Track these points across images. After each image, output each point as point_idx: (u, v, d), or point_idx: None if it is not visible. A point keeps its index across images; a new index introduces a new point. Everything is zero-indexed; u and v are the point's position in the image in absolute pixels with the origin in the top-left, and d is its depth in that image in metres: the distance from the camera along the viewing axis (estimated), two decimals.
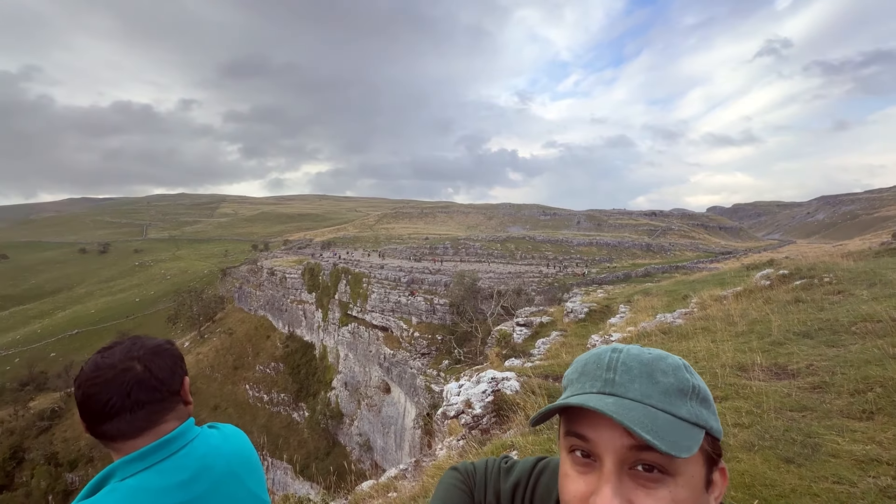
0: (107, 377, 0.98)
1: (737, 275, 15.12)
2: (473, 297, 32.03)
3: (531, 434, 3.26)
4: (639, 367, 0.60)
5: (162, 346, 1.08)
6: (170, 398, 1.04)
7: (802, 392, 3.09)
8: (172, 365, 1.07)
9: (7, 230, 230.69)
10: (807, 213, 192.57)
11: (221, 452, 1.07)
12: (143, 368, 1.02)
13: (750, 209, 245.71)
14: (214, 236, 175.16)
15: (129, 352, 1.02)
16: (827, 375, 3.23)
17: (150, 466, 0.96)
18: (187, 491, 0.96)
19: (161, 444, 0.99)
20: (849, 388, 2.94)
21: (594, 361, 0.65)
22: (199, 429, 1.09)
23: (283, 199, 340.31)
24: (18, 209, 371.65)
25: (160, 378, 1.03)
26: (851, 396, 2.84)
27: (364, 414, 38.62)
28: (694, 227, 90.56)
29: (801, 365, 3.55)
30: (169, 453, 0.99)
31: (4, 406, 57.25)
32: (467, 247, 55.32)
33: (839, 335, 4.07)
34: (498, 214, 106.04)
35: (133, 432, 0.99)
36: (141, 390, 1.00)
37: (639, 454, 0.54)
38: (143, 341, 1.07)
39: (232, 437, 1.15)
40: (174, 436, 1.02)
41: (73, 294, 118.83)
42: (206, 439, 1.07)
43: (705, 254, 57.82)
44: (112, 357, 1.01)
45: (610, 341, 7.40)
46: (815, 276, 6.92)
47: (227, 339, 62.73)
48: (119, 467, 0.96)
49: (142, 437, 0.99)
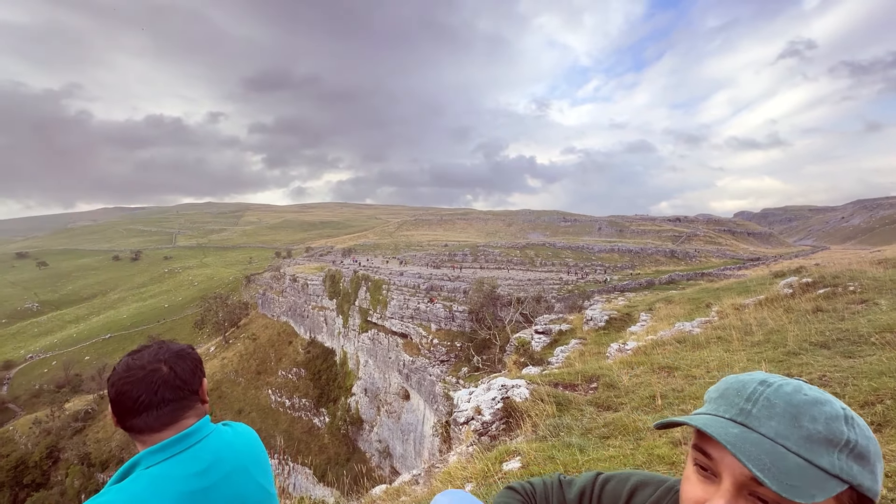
0: (137, 377, 1.13)
1: (762, 282, 14.70)
2: (492, 305, 31.94)
3: (536, 441, 3.31)
4: (784, 406, 0.58)
5: (184, 350, 1.26)
6: (190, 397, 1.21)
7: None
8: (193, 367, 1.24)
9: (47, 238, 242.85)
10: (841, 217, 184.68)
11: (233, 447, 1.23)
12: (169, 370, 1.17)
13: (780, 214, 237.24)
14: (239, 244, 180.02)
15: (157, 354, 1.20)
16: (839, 387, 3.18)
17: (170, 457, 1.09)
18: (202, 479, 1.10)
19: (181, 437, 1.13)
20: (859, 400, 2.89)
21: (736, 388, 0.65)
22: (213, 425, 1.26)
23: (305, 207, 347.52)
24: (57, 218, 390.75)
25: (183, 379, 1.19)
26: (861, 408, 2.80)
27: (384, 420, 38.81)
28: (720, 232, 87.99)
29: (814, 376, 3.49)
30: (187, 446, 1.13)
31: (42, 407, 59.99)
32: (486, 254, 55.24)
33: (857, 346, 3.97)
34: (517, 221, 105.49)
35: (158, 426, 1.13)
36: (166, 389, 1.15)
37: (756, 487, 0.55)
38: (168, 346, 1.25)
39: (242, 435, 1.31)
40: (192, 430, 1.16)
41: (107, 300, 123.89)
42: (219, 435, 1.23)
43: (732, 260, 56.12)
44: (141, 359, 1.18)
45: (624, 349, 7.35)
46: (838, 285, 6.72)
47: (250, 344, 64.18)
48: (144, 457, 1.09)
49: (165, 430, 1.14)
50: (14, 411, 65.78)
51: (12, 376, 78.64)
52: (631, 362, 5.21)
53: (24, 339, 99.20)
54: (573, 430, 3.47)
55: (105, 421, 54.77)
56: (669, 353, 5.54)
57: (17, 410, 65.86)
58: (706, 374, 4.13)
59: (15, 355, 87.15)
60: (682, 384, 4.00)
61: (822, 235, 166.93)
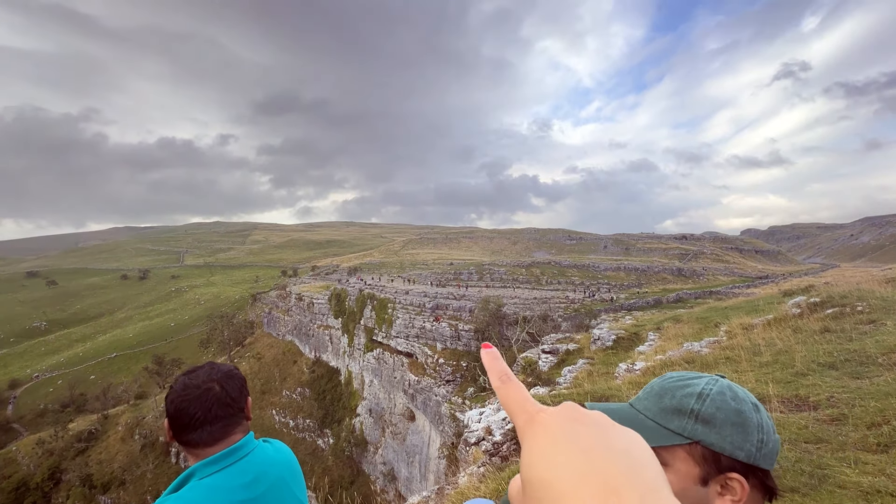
0: (193, 395, 1.26)
1: (771, 301, 14.63)
2: (498, 324, 31.80)
3: None
4: (657, 390, 0.81)
5: (233, 370, 1.40)
6: (238, 414, 1.33)
7: (820, 424, 3.09)
8: (241, 386, 1.38)
9: (57, 257, 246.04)
10: (850, 235, 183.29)
11: (274, 462, 1.36)
12: (220, 388, 1.30)
13: (788, 231, 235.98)
14: (246, 262, 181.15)
15: (210, 375, 1.33)
16: (846, 408, 3.21)
17: (221, 469, 1.21)
18: (250, 491, 1.22)
19: (230, 451, 1.25)
20: (866, 421, 2.92)
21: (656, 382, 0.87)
22: (256, 441, 1.38)
23: (311, 226, 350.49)
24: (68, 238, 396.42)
25: (233, 397, 1.32)
26: (868, 429, 2.83)
27: (388, 442, 38.25)
28: (727, 250, 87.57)
29: (822, 397, 3.52)
30: (236, 459, 1.25)
31: (46, 427, 59.73)
32: (492, 272, 55.25)
33: (865, 367, 4.00)
34: (523, 239, 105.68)
35: (211, 441, 1.26)
36: (219, 407, 1.28)
37: None
38: (219, 367, 1.38)
39: (281, 451, 1.44)
40: (240, 445, 1.29)
41: (114, 318, 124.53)
42: (262, 450, 1.36)
43: (741, 278, 55.69)
44: (197, 379, 1.31)
45: (633, 370, 7.36)
46: (846, 305, 6.73)
47: (255, 363, 63.98)
48: (198, 469, 1.21)
49: (216, 445, 1.26)
50: (18, 431, 65.51)
51: (18, 395, 78.64)
52: (640, 383, 5.23)
53: (32, 357, 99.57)
54: None
55: (108, 441, 54.41)
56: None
57: (21, 430, 65.59)
58: None
59: (21, 374, 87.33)
60: None
61: (832, 253, 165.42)
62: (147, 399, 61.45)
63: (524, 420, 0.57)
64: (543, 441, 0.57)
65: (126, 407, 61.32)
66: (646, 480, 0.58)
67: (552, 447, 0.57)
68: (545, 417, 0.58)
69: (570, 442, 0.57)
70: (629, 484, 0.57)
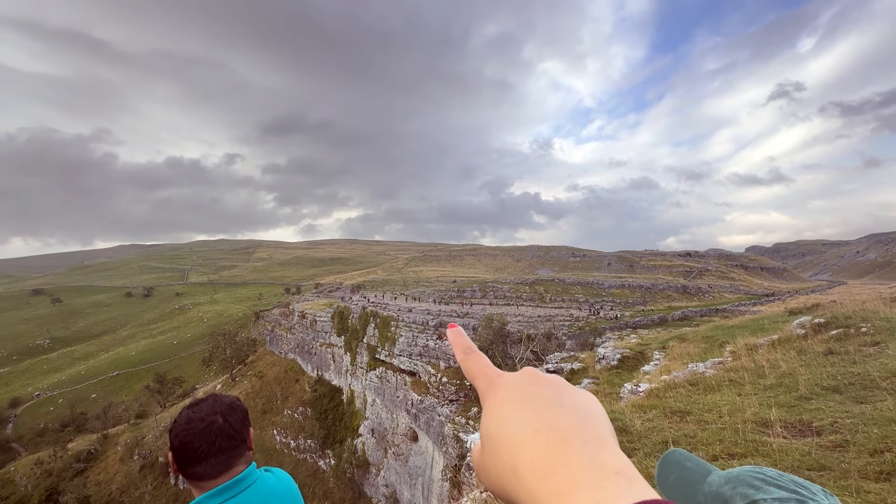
0: (198, 428, 1.30)
1: (776, 320, 14.51)
2: (502, 342, 31.55)
3: None
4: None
5: (235, 402, 1.44)
6: (241, 445, 1.37)
7: (823, 451, 3.06)
8: (243, 418, 1.41)
9: (63, 275, 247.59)
10: (856, 252, 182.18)
11: (276, 493, 1.39)
12: (224, 421, 1.34)
13: (793, 248, 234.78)
14: (250, 280, 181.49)
15: (213, 407, 1.37)
16: (849, 434, 3.18)
17: (224, 501, 1.24)
18: None
19: (233, 483, 1.28)
20: (869, 448, 2.90)
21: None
22: (258, 472, 1.41)
23: (315, 243, 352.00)
24: (74, 255, 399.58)
25: (235, 429, 1.35)
26: (871, 456, 2.80)
27: (391, 463, 37.59)
28: (733, 267, 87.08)
29: (826, 422, 3.50)
30: (239, 491, 1.28)
31: (45, 446, 59.15)
32: (495, 289, 55.10)
33: (869, 391, 3.97)
34: (526, 257, 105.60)
35: (215, 473, 1.28)
36: (222, 439, 1.31)
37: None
38: (221, 399, 1.42)
39: (283, 481, 1.47)
40: (243, 477, 1.32)
41: (117, 336, 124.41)
42: (264, 481, 1.39)
43: (747, 296, 55.24)
44: (200, 412, 1.34)
45: (637, 391, 7.30)
46: (851, 326, 6.70)
47: (257, 382, 63.48)
48: (202, 501, 1.24)
49: (220, 477, 1.29)
50: (17, 451, 64.86)
51: (18, 414, 78.13)
52: (643, 405, 5.20)
53: (34, 375, 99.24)
54: None
55: (107, 462, 53.72)
56: (682, 396, 5.53)
57: (20, 450, 64.94)
58: (718, 419, 4.13)
59: (23, 392, 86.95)
60: (695, 429, 4.01)
61: (838, 270, 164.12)
62: (147, 418, 60.90)
63: (485, 384, 0.62)
64: (502, 399, 0.62)
65: (126, 426, 60.74)
66: (592, 432, 0.61)
67: (509, 404, 0.62)
68: (505, 380, 0.62)
69: (525, 399, 0.62)
70: (577, 435, 0.61)
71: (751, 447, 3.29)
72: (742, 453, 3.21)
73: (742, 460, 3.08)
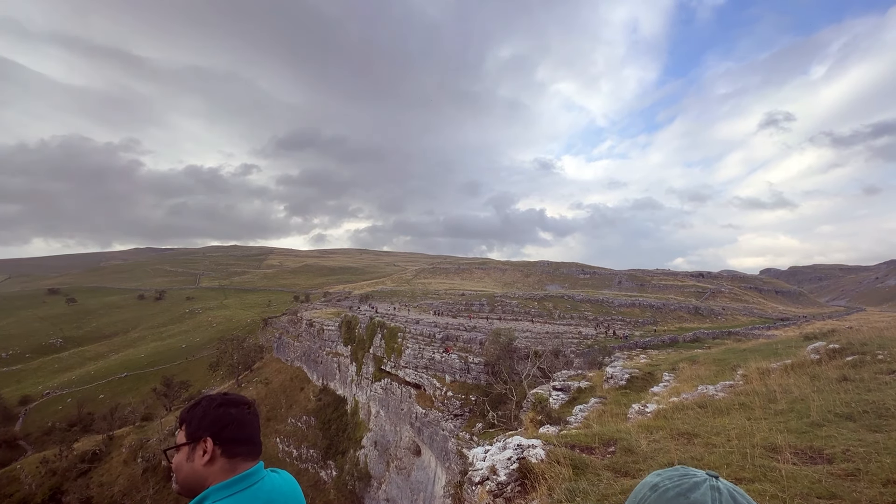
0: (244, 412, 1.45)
1: (790, 345, 14.20)
2: (509, 357, 31.23)
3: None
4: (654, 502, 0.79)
5: (253, 403, 1.52)
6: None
7: (834, 479, 2.98)
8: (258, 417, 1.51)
9: (79, 276, 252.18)
10: (875, 277, 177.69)
11: (281, 491, 1.44)
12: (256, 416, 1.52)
13: (809, 272, 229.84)
14: (260, 286, 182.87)
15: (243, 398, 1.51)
16: (862, 462, 3.09)
17: (233, 494, 1.29)
18: None
19: (244, 476, 1.35)
20: (882, 478, 2.81)
21: (633, 493, 0.84)
22: (265, 470, 1.46)
23: (325, 252, 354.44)
24: (91, 257, 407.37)
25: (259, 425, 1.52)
26: (884, 486, 2.72)
27: (393, 477, 37.09)
28: (746, 289, 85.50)
29: (838, 450, 3.40)
30: (248, 485, 1.34)
31: (51, 445, 59.52)
32: (504, 304, 54.75)
33: (884, 419, 3.86)
34: (535, 272, 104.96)
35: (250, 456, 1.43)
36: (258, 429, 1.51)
37: None
38: (245, 397, 1.51)
39: (288, 481, 1.53)
40: (253, 471, 1.39)
41: (128, 338, 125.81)
42: (270, 479, 1.45)
43: (761, 319, 54.04)
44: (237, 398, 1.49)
45: (645, 412, 7.17)
46: (867, 353, 6.54)
47: (263, 388, 63.50)
48: (211, 493, 1.30)
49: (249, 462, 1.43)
50: (24, 449, 65.44)
51: (27, 412, 79.01)
52: (651, 426, 5.11)
53: (44, 374, 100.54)
54: (589, 495, 3.42)
55: (111, 463, 53.88)
56: (691, 418, 5.42)
57: (27, 448, 65.52)
58: (726, 442, 4.05)
59: (33, 391, 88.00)
60: (702, 452, 3.93)
61: (856, 296, 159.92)
62: (153, 421, 61.13)
63: None
64: None
65: (131, 428, 60.99)
66: None
67: None
68: None
69: None
70: None
71: (759, 472, 3.22)
72: (749, 478, 3.14)
73: (749, 485, 3.01)
